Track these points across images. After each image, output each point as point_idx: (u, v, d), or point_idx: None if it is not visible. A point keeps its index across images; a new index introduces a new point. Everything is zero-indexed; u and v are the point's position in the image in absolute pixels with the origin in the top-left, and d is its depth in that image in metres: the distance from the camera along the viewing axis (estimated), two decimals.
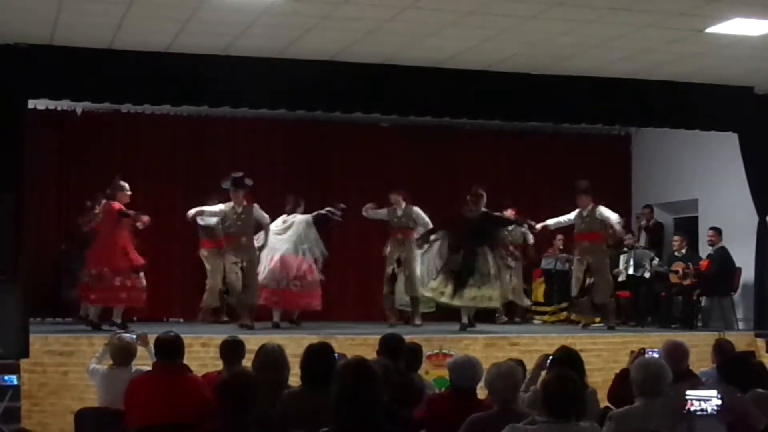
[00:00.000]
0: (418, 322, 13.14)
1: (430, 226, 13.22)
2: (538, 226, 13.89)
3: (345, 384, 4.66)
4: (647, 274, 14.32)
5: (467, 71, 11.79)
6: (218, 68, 11.16)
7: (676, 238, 14.49)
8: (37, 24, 10.08)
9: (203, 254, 13.79)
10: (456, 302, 12.64)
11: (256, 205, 12.61)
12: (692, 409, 5.27)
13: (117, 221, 11.63)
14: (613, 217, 13.48)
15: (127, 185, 11.91)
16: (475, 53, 11.16)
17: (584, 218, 13.48)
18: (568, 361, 6.36)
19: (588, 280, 13.41)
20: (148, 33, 10.40)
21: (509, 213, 14.29)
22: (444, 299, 12.68)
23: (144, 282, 11.71)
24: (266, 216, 12.67)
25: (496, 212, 13.27)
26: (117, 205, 11.69)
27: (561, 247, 15.30)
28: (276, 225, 13.05)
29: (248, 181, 12.60)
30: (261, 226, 12.85)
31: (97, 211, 12.16)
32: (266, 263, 12.79)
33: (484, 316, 13.39)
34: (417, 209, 13.37)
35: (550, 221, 13.86)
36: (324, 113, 13.45)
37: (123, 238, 11.65)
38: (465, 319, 12.73)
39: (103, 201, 11.91)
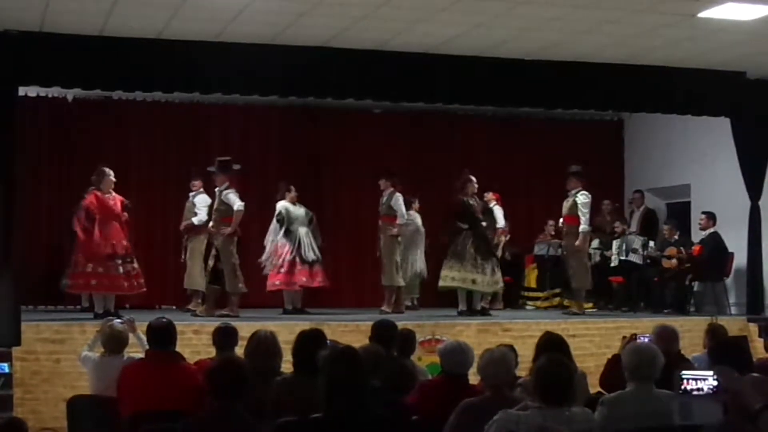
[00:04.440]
0: (385, 308, 13.13)
1: (405, 215, 13.46)
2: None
3: (330, 373, 4.67)
4: (639, 260, 14.36)
5: (459, 57, 11.76)
6: (210, 55, 11.11)
7: (665, 227, 14.51)
8: (28, 11, 10.03)
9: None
10: (445, 283, 12.88)
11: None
12: (688, 388, 5.28)
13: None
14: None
15: (111, 172, 11.99)
16: (467, 39, 11.13)
17: None
18: (552, 346, 6.35)
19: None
20: (139, 19, 10.34)
21: (490, 196, 14.35)
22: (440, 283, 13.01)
23: (122, 270, 11.81)
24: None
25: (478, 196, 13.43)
26: (91, 198, 11.84)
27: (552, 233, 15.30)
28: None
29: (236, 166, 12.74)
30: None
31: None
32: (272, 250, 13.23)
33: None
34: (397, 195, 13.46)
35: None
36: (316, 99, 13.41)
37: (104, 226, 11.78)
38: (463, 305, 12.82)
39: (90, 189, 12.00)
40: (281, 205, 13.42)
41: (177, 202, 14.20)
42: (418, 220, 14.41)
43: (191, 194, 13.72)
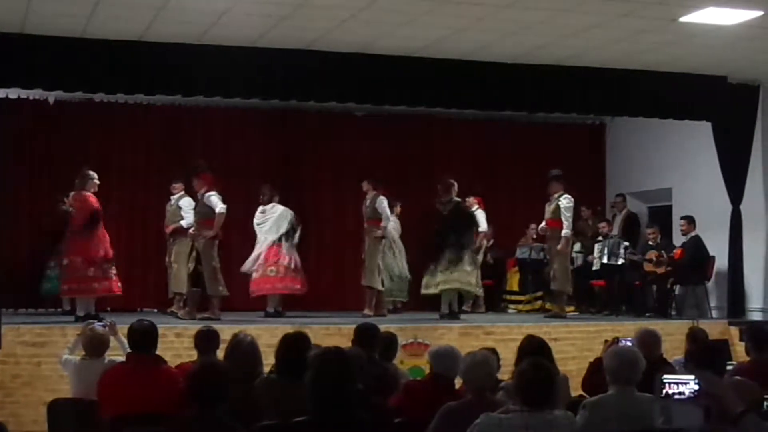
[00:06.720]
0: (367, 311, 13.10)
1: (390, 217, 13.41)
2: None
3: (319, 373, 4.65)
4: (621, 262, 14.38)
5: (442, 60, 11.78)
6: (192, 57, 11.10)
7: (650, 230, 14.55)
8: (9, 12, 9.99)
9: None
10: (431, 290, 12.81)
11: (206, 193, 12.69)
12: (669, 392, 5.28)
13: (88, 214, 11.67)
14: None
15: (95, 174, 11.91)
16: (450, 42, 11.15)
17: None
18: (534, 350, 6.34)
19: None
20: (121, 21, 10.32)
21: (472, 200, 14.34)
22: (422, 290, 13.04)
23: (113, 273, 11.81)
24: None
25: (461, 200, 13.45)
26: (91, 198, 11.71)
27: (534, 236, 15.32)
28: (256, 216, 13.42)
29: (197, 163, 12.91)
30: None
31: (67, 205, 12.12)
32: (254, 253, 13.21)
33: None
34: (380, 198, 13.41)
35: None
36: (298, 102, 13.40)
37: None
38: (445, 308, 12.82)
39: (73, 192, 11.91)
40: (284, 210, 13.41)
41: (159, 204, 14.14)
42: (398, 226, 14.39)
43: (173, 197, 13.67)
